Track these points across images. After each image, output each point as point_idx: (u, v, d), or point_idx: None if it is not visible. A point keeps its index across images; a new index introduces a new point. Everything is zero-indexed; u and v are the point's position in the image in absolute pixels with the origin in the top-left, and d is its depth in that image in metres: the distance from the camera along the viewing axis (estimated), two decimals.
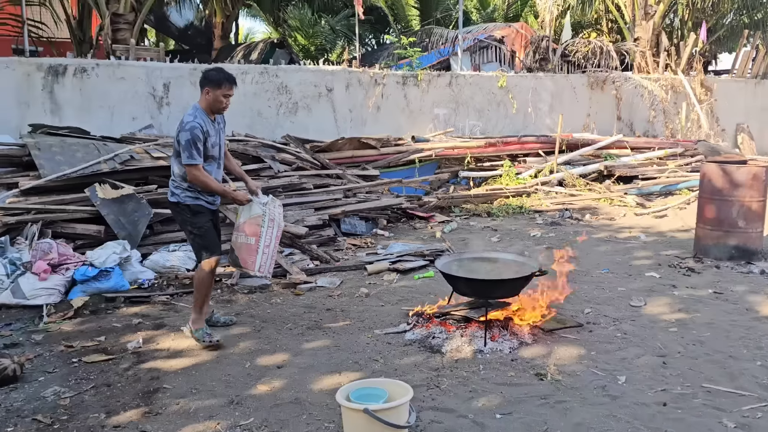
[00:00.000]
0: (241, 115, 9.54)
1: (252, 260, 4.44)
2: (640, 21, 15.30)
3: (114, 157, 6.87)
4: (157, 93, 8.97)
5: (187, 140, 4.12)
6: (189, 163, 4.14)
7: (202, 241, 4.35)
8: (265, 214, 4.45)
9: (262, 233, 4.43)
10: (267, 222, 4.44)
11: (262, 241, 4.43)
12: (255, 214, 4.44)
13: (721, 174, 6.40)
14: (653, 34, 15.21)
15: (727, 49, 20.97)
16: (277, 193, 7.63)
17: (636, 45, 15.07)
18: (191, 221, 4.33)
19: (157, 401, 3.57)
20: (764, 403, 3.47)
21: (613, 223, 8.51)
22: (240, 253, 4.47)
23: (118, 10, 10.81)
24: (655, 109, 13.72)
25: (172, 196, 4.35)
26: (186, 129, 4.14)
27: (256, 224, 4.43)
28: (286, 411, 3.44)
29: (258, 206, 4.45)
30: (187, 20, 20.17)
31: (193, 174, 4.17)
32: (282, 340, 4.47)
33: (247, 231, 4.44)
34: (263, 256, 4.45)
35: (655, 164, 11.32)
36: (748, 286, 5.62)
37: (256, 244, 4.42)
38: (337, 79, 10.45)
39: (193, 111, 4.27)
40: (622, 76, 13.55)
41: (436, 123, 11.37)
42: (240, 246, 4.47)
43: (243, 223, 4.47)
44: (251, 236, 4.42)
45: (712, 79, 15.29)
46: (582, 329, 4.58)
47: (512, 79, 12.24)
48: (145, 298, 5.37)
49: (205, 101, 4.31)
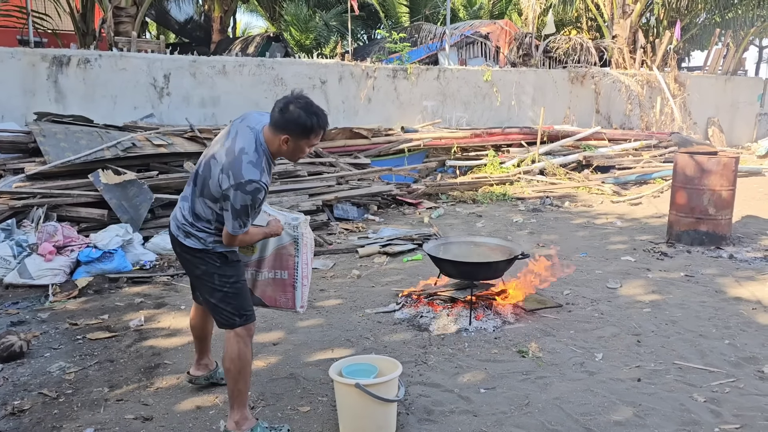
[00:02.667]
0: (238, 106, 9.45)
1: (289, 297, 3.31)
2: (618, 19, 15.27)
3: (116, 144, 6.78)
4: (158, 83, 8.85)
5: (243, 206, 2.65)
6: (237, 233, 2.75)
7: (237, 301, 2.89)
8: (297, 241, 3.22)
9: (297, 264, 3.25)
10: (301, 249, 3.24)
11: (299, 273, 3.26)
12: (284, 243, 3.24)
13: (693, 164, 6.41)
14: (630, 31, 15.19)
15: (699, 46, 20.99)
16: (273, 179, 7.59)
17: (614, 42, 15.05)
18: (222, 274, 2.87)
19: (157, 376, 3.54)
20: (732, 379, 3.49)
21: (591, 210, 8.53)
22: (267, 291, 3.33)
23: (120, 3, 10.65)
24: (632, 103, 13.75)
25: (191, 238, 2.86)
26: (247, 190, 2.63)
27: (288, 254, 3.24)
28: (282, 385, 3.43)
29: (286, 233, 3.22)
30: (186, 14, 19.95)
31: (231, 241, 2.80)
32: (277, 318, 4.44)
33: (274, 265, 3.27)
34: (303, 288, 3.31)
35: (631, 155, 11.35)
36: (717, 270, 5.65)
37: (291, 279, 3.27)
38: (330, 72, 10.37)
39: (258, 157, 2.70)
40: (600, 72, 13.55)
41: (424, 114, 11.32)
42: (266, 283, 3.32)
43: (267, 257, 3.26)
44: (282, 270, 3.27)
45: (685, 75, 15.33)
46: (562, 309, 4.59)
47: (497, 74, 12.19)
48: (147, 279, 5.33)
49: (277, 147, 2.75)
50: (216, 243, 2.84)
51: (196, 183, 2.82)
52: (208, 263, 2.86)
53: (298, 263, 3.24)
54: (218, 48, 16.57)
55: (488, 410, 3.15)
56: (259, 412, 3.15)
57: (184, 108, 9.00)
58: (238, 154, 2.66)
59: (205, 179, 2.76)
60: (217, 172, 2.69)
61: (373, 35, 22.54)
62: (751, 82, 17.36)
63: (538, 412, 3.13)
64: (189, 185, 2.89)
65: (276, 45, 15.85)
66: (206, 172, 2.76)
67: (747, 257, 6.03)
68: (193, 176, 2.86)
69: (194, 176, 2.84)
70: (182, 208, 2.89)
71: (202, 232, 2.84)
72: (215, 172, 2.70)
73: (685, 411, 3.14)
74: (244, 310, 2.90)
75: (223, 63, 9.44)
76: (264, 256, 3.26)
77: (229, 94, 9.40)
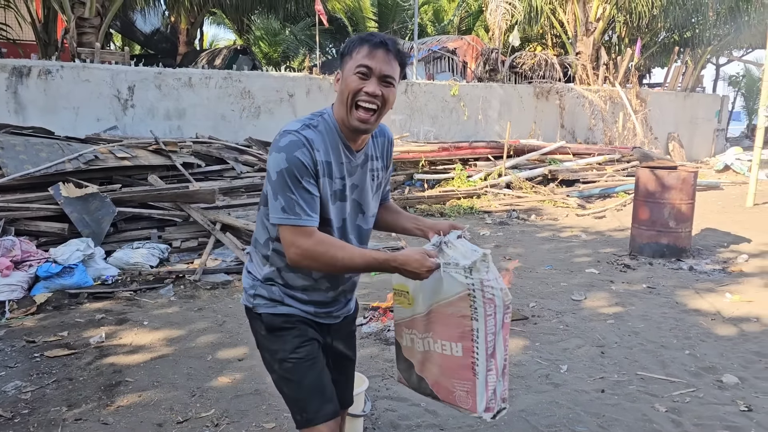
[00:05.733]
0: (205, 118, 9.38)
1: (468, 389, 1.97)
2: (582, 36, 15.64)
3: (78, 156, 6.66)
4: (122, 95, 8.73)
5: (279, 174, 1.81)
6: (287, 223, 1.81)
7: (290, 390, 1.98)
8: (473, 290, 1.88)
9: (476, 334, 1.92)
10: (481, 305, 1.89)
11: (481, 349, 1.94)
12: (448, 296, 1.93)
13: (654, 178, 6.57)
14: (593, 48, 15.57)
15: (659, 64, 21.61)
16: (240, 193, 7.53)
17: (578, 59, 15.39)
18: (268, 347, 2.02)
19: (118, 394, 3.46)
20: (692, 389, 3.57)
21: (556, 223, 8.66)
22: (436, 373, 2.05)
23: (84, 14, 10.49)
24: (595, 118, 14.05)
25: (245, 290, 2.06)
26: (280, 146, 1.82)
27: (460, 314, 1.92)
28: (247, 402, 3.38)
29: (458, 275, 1.89)
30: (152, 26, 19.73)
31: (297, 247, 1.81)
32: (243, 333, 4.39)
33: (442, 331, 1.98)
34: (490, 377, 1.97)
35: (595, 169, 11.57)
36: (677, 282, 5.78)
37: (469, 358, 1.95)
38: (298, 85, 10.36)
39: (309, 118, 1.92)
40: (565, 87, 13.83)
41: (392, 128, 11.37)
42: (432, 360, 2.05)
43: (428, 315, 2.01)
44: (454, 341, 1.96)
45: (646, 92, 15.74)
46: (527, 322, 4.64)
47: (464, 88, 12.34)
48: (109, 294, 5.21)
49: (338, 99, 1.90)
50: (258, 297, 1.99)
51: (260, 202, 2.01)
52: (256, 331, 2.05)
53: (478, 332, 1.91)
54: (184, 60, 16.43)
55: (454, 423, 3.15)
56: (224, 429, 3.10)
57: (149, 120, 8.89)
58: None
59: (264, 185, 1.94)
60: None
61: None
62: (709, 99, 17.93)
63: (504, 425, 3.15)
64: None
65: (243, 58, 15.79)
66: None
67: (706, 269, 6.19)
68: None
69: None
70: None
71: (248, 277, 2.05)
72: None
73: (647, 421, 3.19)
74: (301, 406, 1.95)
75: (189, 75, 9.36)
76: (419, 313, 2.03)
77: (195, 106, 9.32)
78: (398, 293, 2.13)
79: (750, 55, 24.21)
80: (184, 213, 6.57)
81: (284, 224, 1.81)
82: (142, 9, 16.36)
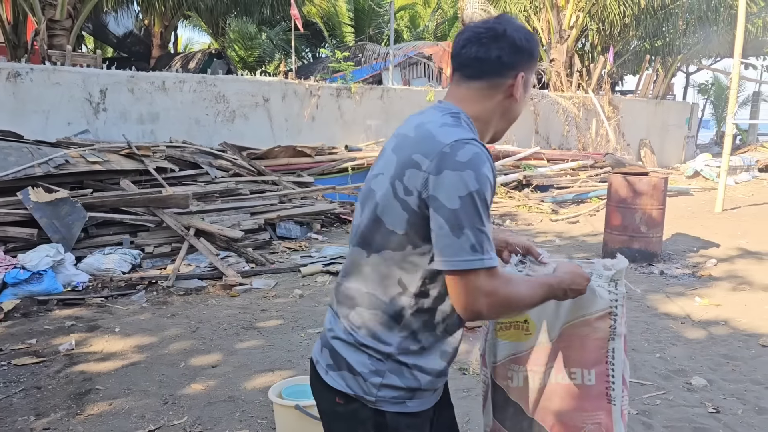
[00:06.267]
0: (179, 123, 9.30)
1: (601, 422, 1.65)
2: (556, 44, 15.85)
3: (48, 160, 6.55)
4: (94, 99, 8.61)
5: (468, 198, 1.28)
6: (479, 267, 1.28)
7: None
8: (616, 305, 1.66)
9: (612, 355, 1.66)
10: (621, 322, 1.67)
11: (618, 371, 1.66)
12: (587, 314, 1.65)
13: (626, 184, 6.68)
14: (567, 56, 15.80)
15: (631, 71, 22.01)
16: (214, 198, 7.47)
17: (552, 65, 15.60)
18: None
19: (88, 403, 3.40)
20: (662, 391, 3.63)
21: (530, 228, 8.75)
22: (557, 413, 1.68)
23: (54, 16, 10.35)
24: (569, 124, 14.24)
25: (340, 370, 1.47)
26: (461, 161, 1.30)
27: (597, 337, 1.65)
28: (220, 409, 3.35)
29: (602, 289, 1.66)
30: (125, 28, 19.53)
31: (493, 296, 1.30)
32: (217, 340, 4.36)
33: (568, 357, 1.67)
34: (624, 402, 1.70)
35: (569, 174, 11.73)
36: (648, 286, 5.88)
37: (604, 384, 1.66)
38: (273, 89, 10.33)
39: (455, 120, 1.42)
40: (539, 94, 14.00)
41: (368, 133, 11.40)
42: (554, 396, 1.68)
43: (555, 339, 1.67)
44: (586, 367, 1.66)
45: (619, 99, 16.02)
46: None
47: (440, 94, 12.41)
48: (79, 301, 5.13)
49: (509, 109, 1.52)
50: (385, 388, 1.40)
51: (357, 243, 1.50)
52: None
53: (615, 353, 1.64)
54: (158, 64, 16.29)
55: None
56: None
57: (122, 124, 8.79)
58: (418, 129, 1.42)
59: (373, 220, 1.43)
60: (389, 184, 1.40)
61: (318, 54, 22.62)
62: (679, 106, 18.32)
63: (479, 429, 3.17)
64: (345, 265, 1.57)
65: (218, 62, 15.71)
66: (371, 208, 1.44)
67: (677, 273, 6.31)
68: (352, 241, 1.54)
69: (352, 240, 1.54)
70: (332, 307, 1.59)
71: (362, 353, 1.42)
72: (385, 186, 1.41)
73: None
74: None
75: (162, 79, 9.28)
76: (543, 342, 1.67)
77: (169, 110, 9.23)
78: (507, 326, 1.71)
79: (718, 63, 24.78)
80: (157, 218, 6.50)
81: (475, 268, 1.28)
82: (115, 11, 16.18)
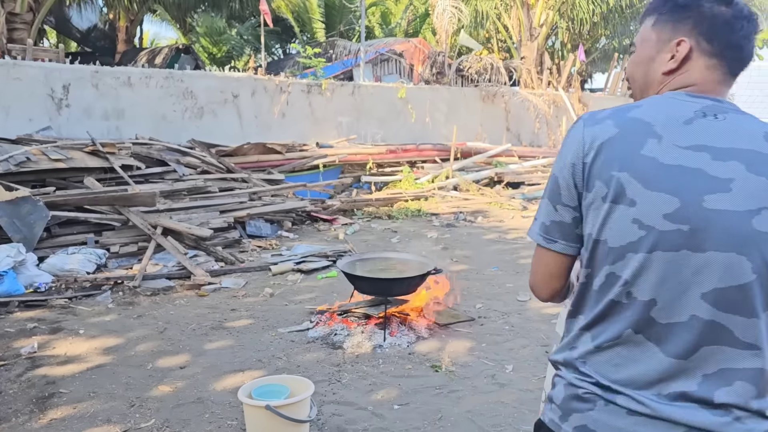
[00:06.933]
0: (145, 119, 9.14)
1: None
2: (526, 41, 16.00)
3: (8, 158, 6.37)
4: (56, 94, 8.41)
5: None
6: None
7: None
8: None
9: None
10: None
11: None
12: None
13: None
14: (537, 53, 15.96)
15: (600, 69, 22.33)
16: (182, 196, 7.37)
17: (522, 63, 15.73)
18: None
19: (52, 407, 3.32)
20: None
21: (502, 225, 8.81)
22: None
23: (15, 9, 10.10)
24: (540, 122, 14.39)
25: None
26: None
27: None
28: (189, 411, 3.30)
29: None
30: (90, 22, 19.14)
31: None
32: (185, 340, 4.29)
33: None
34: None
35: (540, 171, 11.85)
36: None
37: None
38: (242, 86, 10.22)
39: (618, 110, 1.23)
40: (510, 91, 14.11)
41: (339, 130, 11.37)
42: None
43: None
44: None
45: (588, 96, 16.23)
46: (474, 323, 4.70)
47: (411, 91, 12.44)
48: (42, 302, 5.00)
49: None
50: None
51: None
52: None
53: None
54: (124, 59, 15.99)
55: (401, 426, 3.16)
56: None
57: (86, 121, 8.60)
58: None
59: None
60: None
61: (288, 50, 22.46)
62: None
63: (451, 426, 3.18)
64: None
65: (186, 57, 15.50)
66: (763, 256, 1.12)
67: None
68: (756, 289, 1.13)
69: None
70: None
71: None
72: None
73: None
74: None
75: (128, 74, 9.11)
76: None
77: (135, 106, 9.07)
78: None
79: None
80: (123, 217, 6.38)
81: None
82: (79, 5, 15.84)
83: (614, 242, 1.17)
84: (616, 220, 1.16)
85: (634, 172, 1.15)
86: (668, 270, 1.14)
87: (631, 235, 1.15)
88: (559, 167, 1.25)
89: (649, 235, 1.14)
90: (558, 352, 1.32)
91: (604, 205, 1.18)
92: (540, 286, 1.35)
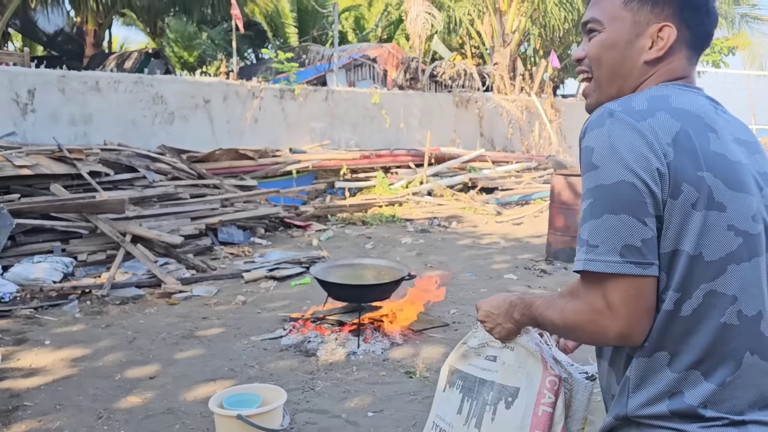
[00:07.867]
0: (114, 125, 9.01)
1: None
2: (499, 47, 16.16)
3: None
4: (21, 99, 8.25)
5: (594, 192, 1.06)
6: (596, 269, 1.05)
7: None
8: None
9: None
10: None
11: None
12: None
13: (567, 185, 6.86)
14: (510, 59, 16.12)
15: (572, 75, 22.64)
16: (152, 202, 7.27)
17: (495, 69, 15.88)
18: None
19: (15, 420, 3.24)
20: None
21: (476, 230, 8.87)
22: None
23: None
24: (513, 127, 14.53)
25: None
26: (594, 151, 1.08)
27: None
28: (158, 422, 3.25)
29: None
30: (56, 26, 18.81)
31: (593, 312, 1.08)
32: (155, 350, 4.23)
33: None
34: None
35: (513, 176, 11.96)
36: None
37: None
38: (214, 90, 10.14)
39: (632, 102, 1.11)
40: (483, 97, 14.23)
41: (313, 135, 11.34)
42: None
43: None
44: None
45: (560, 102, 16.44)
46: (448, 328, 4.71)
47: (385, 96, 12.47)
48: (6, 313, 4.89)
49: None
50: None
51: None
52: None
53: None
54: (92, 63, 15.75)
55: None
56: None
57: (52, 126, 8.45)
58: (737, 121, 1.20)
59: None
60: None
61: (260, 55, 22.35)
62: None
63: None
64: None
65: (156, 61, 15.32)
66: None
67: None
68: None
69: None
70: None
71: None
72: None
73: None
74: None
75: (96, 79, 8.98)
76: None
77: (103, 111, 8.94)
78: None
79: None
80: (90, 224, 6.27)
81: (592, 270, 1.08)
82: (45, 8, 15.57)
83: (711, 255, 1.03)
84: (711, 229, 1.02)
85: (714, 171, 1.03)
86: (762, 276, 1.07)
87: (729, 244, 1.03)
88: (625, 170, 1.01)
89: (746, 242, 1.04)
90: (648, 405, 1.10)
91: (696, 213, 1.02)
92: (640, 330, 1.06)
